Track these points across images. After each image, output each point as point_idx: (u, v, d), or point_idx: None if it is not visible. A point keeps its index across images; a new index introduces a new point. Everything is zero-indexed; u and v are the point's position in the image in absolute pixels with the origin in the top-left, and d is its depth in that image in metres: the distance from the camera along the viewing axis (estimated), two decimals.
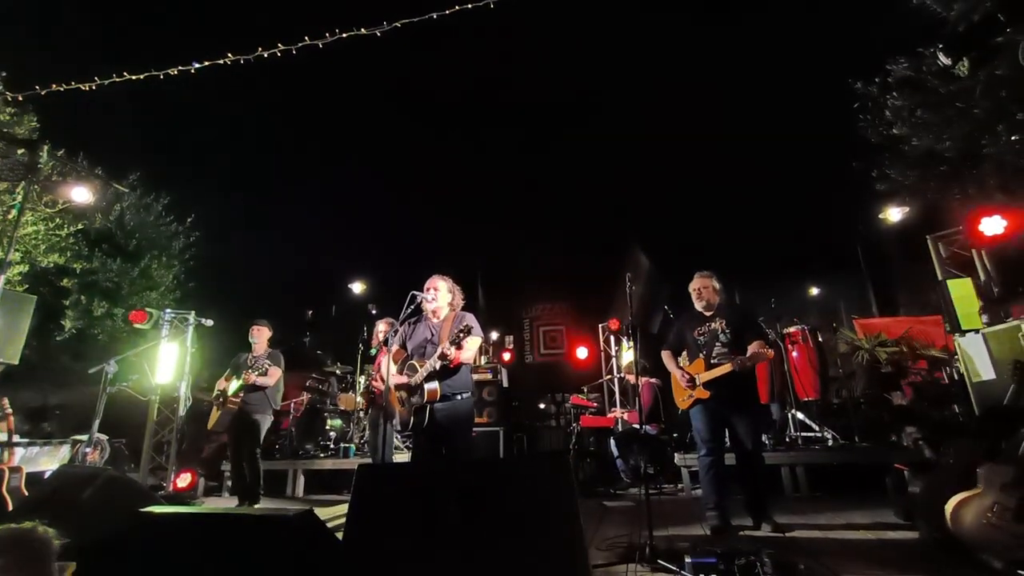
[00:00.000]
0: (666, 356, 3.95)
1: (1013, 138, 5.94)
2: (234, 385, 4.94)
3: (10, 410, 4.21)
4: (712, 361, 3.61)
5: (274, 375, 5.00)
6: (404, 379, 3.33)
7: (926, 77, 6.67)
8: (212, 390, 5.31)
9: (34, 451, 6.03)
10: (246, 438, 4.92)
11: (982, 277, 5.35)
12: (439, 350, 3.14)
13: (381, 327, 4.76)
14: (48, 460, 6.05)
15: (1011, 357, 2.78)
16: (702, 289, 3.82)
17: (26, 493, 3.61)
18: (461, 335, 3.08)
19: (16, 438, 6.11)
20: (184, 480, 6.02)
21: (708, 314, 3.79)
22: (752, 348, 3.49)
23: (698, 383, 3.61)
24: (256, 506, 4.81)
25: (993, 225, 4.62)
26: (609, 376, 8.67)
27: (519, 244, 12.81)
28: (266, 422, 5.02)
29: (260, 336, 5.19)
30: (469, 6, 4.49)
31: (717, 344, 3.65)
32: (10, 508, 3.43)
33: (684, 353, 3.96)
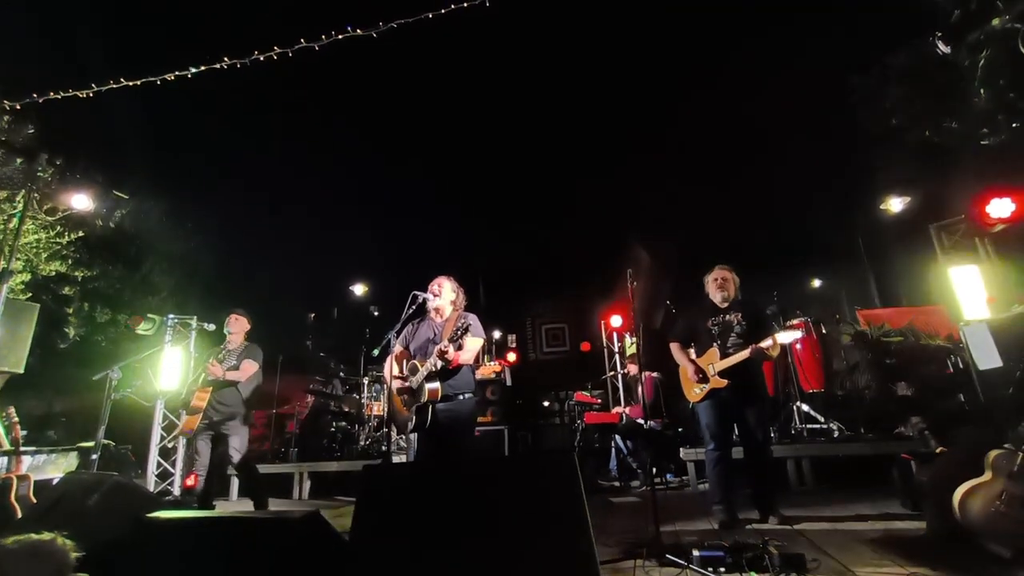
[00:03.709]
0: (675, 348, 3.92)
1: (1013, 126, 5.91)
2: (200, 380, 4.31)
3: (16, 419, 4.21)
4: (728, 350, 3.60)
5: (247, 370, 4.32)
6: (404, 380, 3.33)
7: (924, 66, 6.65)
8: None
9: (41, 459, 6.04)
10: (222, 449, 4.32)
11: (986, 265, 5.34)
12: (437, 348, 3.14)
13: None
14: (55, 468, 6.06)
15: (1016, 345, 2.77)
16: (724, 280, 3.80)
17: (35, 501, 3.62)
18: (460, 333, 3.07)
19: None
20: (191, 480, 6.04)
21: (724, 306, 3.78)
22: (767, 340, 3.46)
23: (713, 372, 3.60)
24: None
25: (1001, 207, 4.58)
26: (612, 372, 8.67)
27: (520, 242, 12.80)
28: (240, 431, 4.36)
29: (237, 327, 4.56)
30: (465, 4, 4.49)
31: (732, 335, 3.65)
32: (19, 516, 3.44)
33: (692, 346, 3.96)
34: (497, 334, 10.43)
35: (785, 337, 3.44)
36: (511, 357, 9.24)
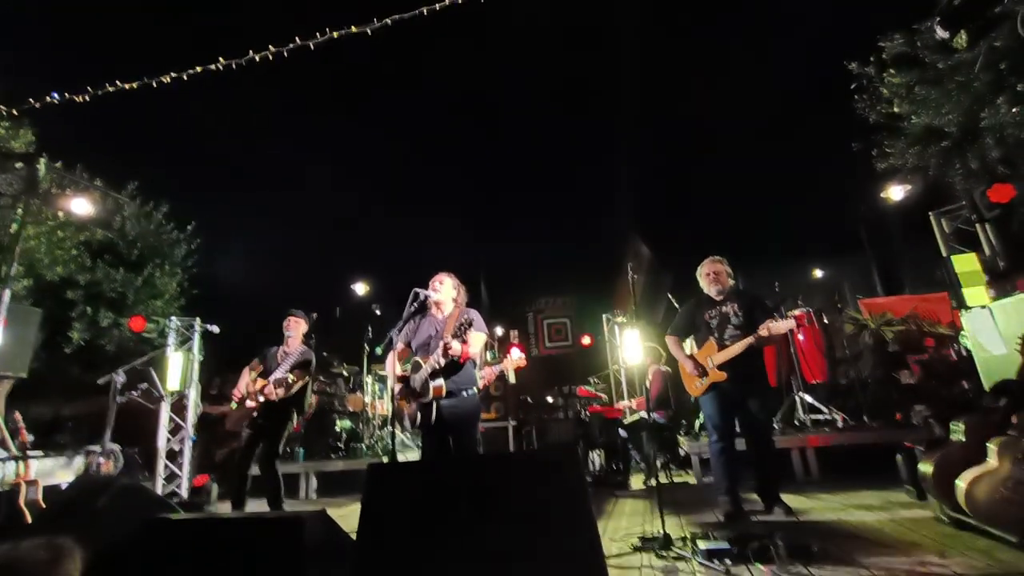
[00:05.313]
0: (671, 341, 3.92)
1: (1014, 110, 5.87)
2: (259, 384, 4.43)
3: (23, 424, 4.23)
4: (725, 342, 3.60)
5: (301, 381, 4.47)
6: (407, 375, 3.34)
7: (923, 52, 6.59)
8: (220, 398, 5.21)
9: (48, 463, 6.07)
10: (262, 442, 4.42)
11: (987, 251, 5.32)
12: (441, 345, 3.14)
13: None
14: (63, 472, 6.09)
15: (1018, 331, 2.76)
16: (716, 274, 3.78)
17: (44, 505, 3.63)
18: (463, 329, 3.07)
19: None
20: (199, 481, 6.11)
21: (719, 298, 3.78)
22: (763, 330, 3.43)
23: (712, 365, 3.60)
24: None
25: (1002, 192, 4.65)
26: (615, 366, 8.66)
27: (520, 238, 12.81)
28: (282, 433, 4.47)
29: (297, 330, 4.62)
30: (460, 0, 4.46)
31: (729, 326, 3.64)
32: (28, 521, 3.46)
33: (690, 339, 3.95)
34: (500, 330, 10.43)
35: (779, 326, 3.38)
36: (515, 353, 9.21)
